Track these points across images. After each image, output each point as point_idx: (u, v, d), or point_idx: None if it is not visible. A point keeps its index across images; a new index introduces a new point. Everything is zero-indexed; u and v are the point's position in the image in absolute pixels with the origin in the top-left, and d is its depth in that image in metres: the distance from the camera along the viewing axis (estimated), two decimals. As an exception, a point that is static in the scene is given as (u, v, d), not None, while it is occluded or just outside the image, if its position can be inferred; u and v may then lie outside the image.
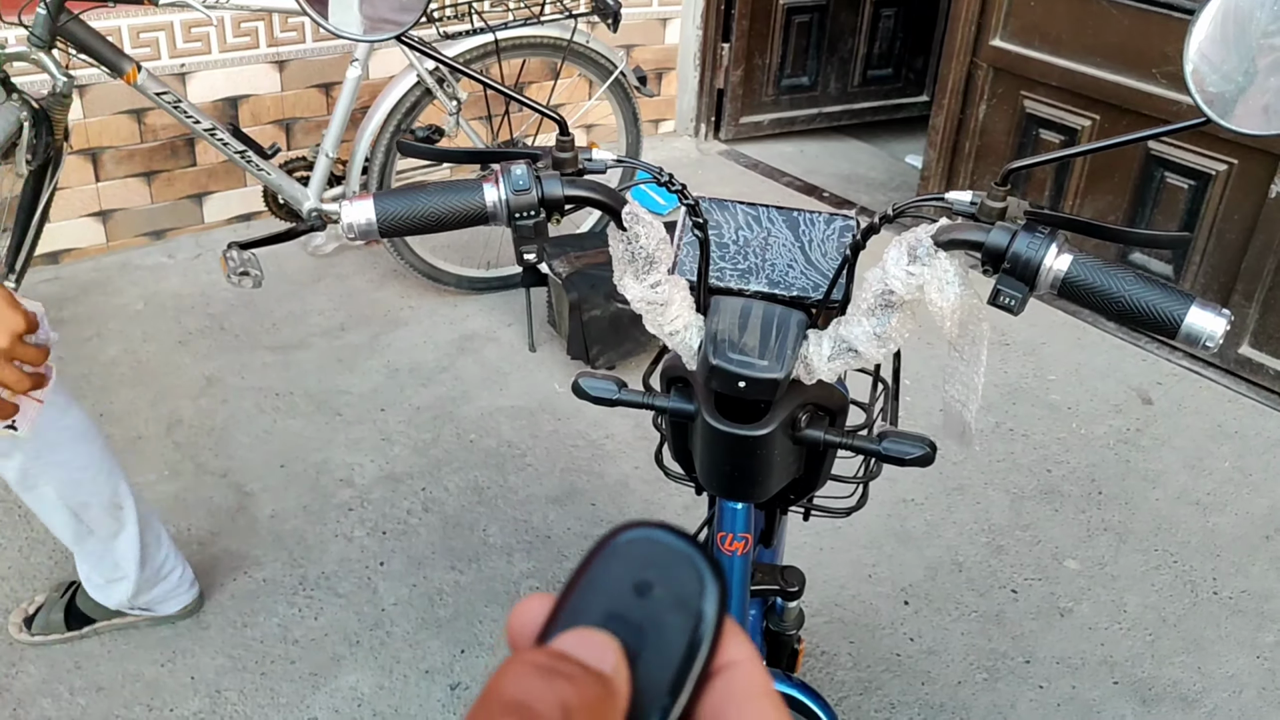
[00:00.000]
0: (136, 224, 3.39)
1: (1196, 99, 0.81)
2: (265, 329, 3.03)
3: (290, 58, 3.41)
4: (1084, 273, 0.87)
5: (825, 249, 1.12)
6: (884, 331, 1.00)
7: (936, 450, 1.14)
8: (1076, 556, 2.36)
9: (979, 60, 3.44)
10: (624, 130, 3.31)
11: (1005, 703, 2.01)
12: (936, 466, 2.58)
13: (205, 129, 2.74)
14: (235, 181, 3.50)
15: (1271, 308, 2.92)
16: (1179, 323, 0.85)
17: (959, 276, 0.93)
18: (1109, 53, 3.09)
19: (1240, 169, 2.89)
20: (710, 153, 4.44)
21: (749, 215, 1.13)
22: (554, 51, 3.01)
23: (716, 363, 1.05)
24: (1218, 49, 0.80)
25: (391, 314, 3.13)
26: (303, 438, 2.60)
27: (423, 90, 2.84)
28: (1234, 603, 2.25)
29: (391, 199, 0.95)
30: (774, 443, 1.10)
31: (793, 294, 1.10)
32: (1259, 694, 2.05)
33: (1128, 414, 2.85)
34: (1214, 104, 0.80)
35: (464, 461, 2.54)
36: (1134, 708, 2.01)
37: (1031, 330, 3.17)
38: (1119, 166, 3.18)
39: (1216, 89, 0.80)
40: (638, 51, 4.20)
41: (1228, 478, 2.62)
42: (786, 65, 4.50)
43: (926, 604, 2.22)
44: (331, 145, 2.92)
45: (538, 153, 1.00)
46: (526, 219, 0.94)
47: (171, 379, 2.79)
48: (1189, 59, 0.81)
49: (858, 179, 4.33)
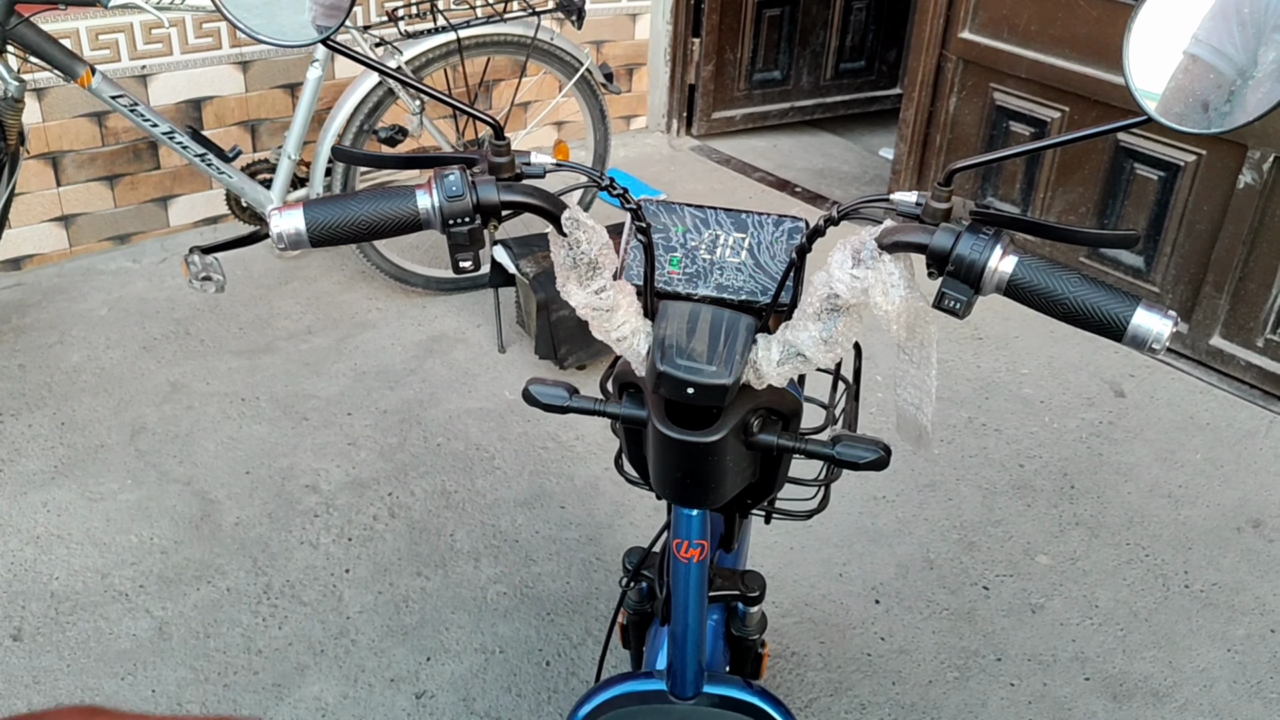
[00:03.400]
0: (99, 228, 3.34)
1: (1137, 96, 0.79)
2: (231, 333, 2.99)
3: (254, 58, 3.37)
4: (1029, 274, 0.85)
5: (774, 251, 1.09)
6: (830, 336, 0.98)
7: (891, 454, 1.12)
8: (1048, 552, 2.35)
9: (948, 53, 3.42)
10: (592, 127, 3.28)
11: (976, 701, 1.99)
12: (907, 463, 2.57)
13: (163, 132, 2.71)
14: (200, 185, 3.46)
15: (1242, 298, 2.91)
16: (1125, 325, 0.83)
17: (904, 279, 0.91)
18: (1077, 44, 3.08)
19: (1209, 160, 2.89)
20: (682, 148, 4.42)
21: (696, 218, 1.11)
22: (518, 49, 2.98)
23: (664, 369, 1.03)
24: (1156, 46, 0.78)
25: (359, 316, 3.10)
26: (268, 443, 2.57)
27: (385, 90, 2.81)
28: (1205, 596, 2.25)
29: (322, 207, 0.92)
30: (726, 449, 1.08)
31: (741, 298, 1.08)
32: (1230, 687, 2.04)
33: (1100, 407, 2.84)
34: (1155, 101, 0.79)
35: (431, 465, 2.51)
36: (1105, 704, 2.00)
37: (1005, 324, 3.17)
38: (1089, 159, 3.17)
39: (1157, 85, 0.78)
40: (607, 47, 4.18)
41: (1199, 470, 2.61)
42: (758, 60, 4.48)
43: (897, 602, 2.20)
44: (294, 147, 2.88)
45: (474, 157, 0.97)
46: (461, 226, 0.92)
47: (135, 385, 2.75)
48: (1128, 55, 0.79)
49: (831, 173, 4.32)
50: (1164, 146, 2.98)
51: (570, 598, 2.17)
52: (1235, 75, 0.76)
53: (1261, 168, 2.76)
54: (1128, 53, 0.78)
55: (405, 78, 0.99)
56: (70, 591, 2.13)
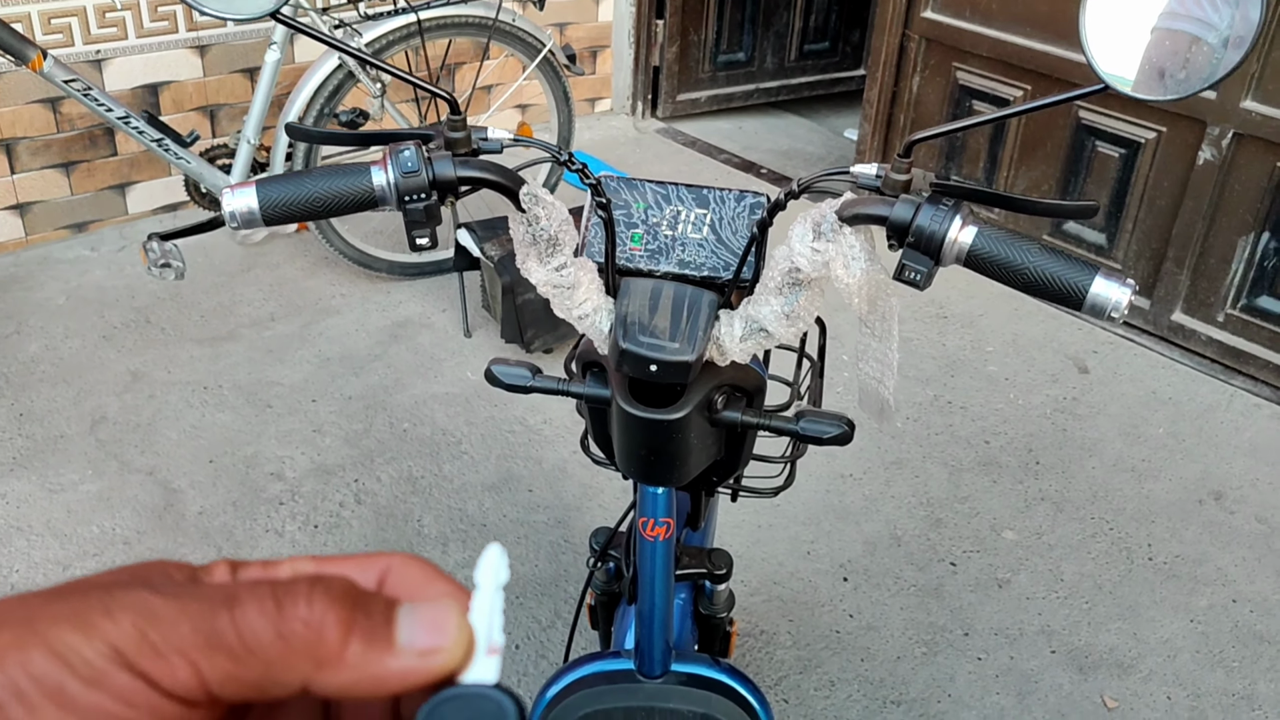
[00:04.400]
0: (56, 216, 3.29)
1: (1094, 64, 0.79)
2: (193, 321, 2.95)
3: (211, 42, 3.32)
4: (988, 245, 0.85)
5: (736, 227, 1.09)
6: (792, 310, 0.98)
7: (854, 429, 1.12)
8: (1014, 527, 2.36)
9: (911, 32, 3.43)
10: (555, 109, 3.26)
11: (944, 675, 2.01)
12: (874, 441, 2.58)
13: (118, 117, 2.66)
14: (159, 171, 3.41)
15: (1202, 274, 2.94)
16: (1084, 293, 0.83)
17: (865, 252, 0.91)
18: (1038, 22, 3.09)
19: (1168, 137, 2.91)
20: (647, 131, 4.40)
21: (658, 194, 1.10)
22: (480, 31, 2.95)
23: (627, 346, 1.02)
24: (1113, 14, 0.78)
25: (323, 302, 3.07)
26: (232, 431, 2.54)
27: (345, 73, 2.78)
28: (1168, 568, 2.27)
29: (275, 185, 0.90)
30: (690, 426, 1.07)
31: (703, 274, 1.07)
32: (1193, 657, 2.06)
33: (1064, 383, 2.86)
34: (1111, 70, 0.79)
35: (397, 451, 2.49)
36: (1071, 675, 2.02)
37: (970, 303, 3.18)
38: (1051, 136, 3.19)
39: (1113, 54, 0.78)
40: (571, 29, 4.15)
41: (1162, 444, 2.64)
42: (722, 41, 4.47)
43: (865, 579, 2.21)
44: (253, 131, 2.84)
45: (430, 133, 0.96)
46: (417, 202, 0.90)
47: (95, 375, 2.71)
48: (1085, 24, 0.78)
49: (796, 154, 4.32)
50: (1125, 124, 3.00)
51: (539, 580, 2.17)
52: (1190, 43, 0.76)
53: (1220, 144, 2.78)
54: (1084, 22, 0.78)
55: (360, 53, 0.97)
56: (30, 584, 2.10)
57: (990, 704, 1.96)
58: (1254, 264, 2.84)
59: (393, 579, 0.32)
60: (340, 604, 0.29)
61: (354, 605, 0.30)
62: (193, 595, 0.29)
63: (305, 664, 0.29)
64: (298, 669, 0.29)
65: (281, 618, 0.29)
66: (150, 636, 0.28)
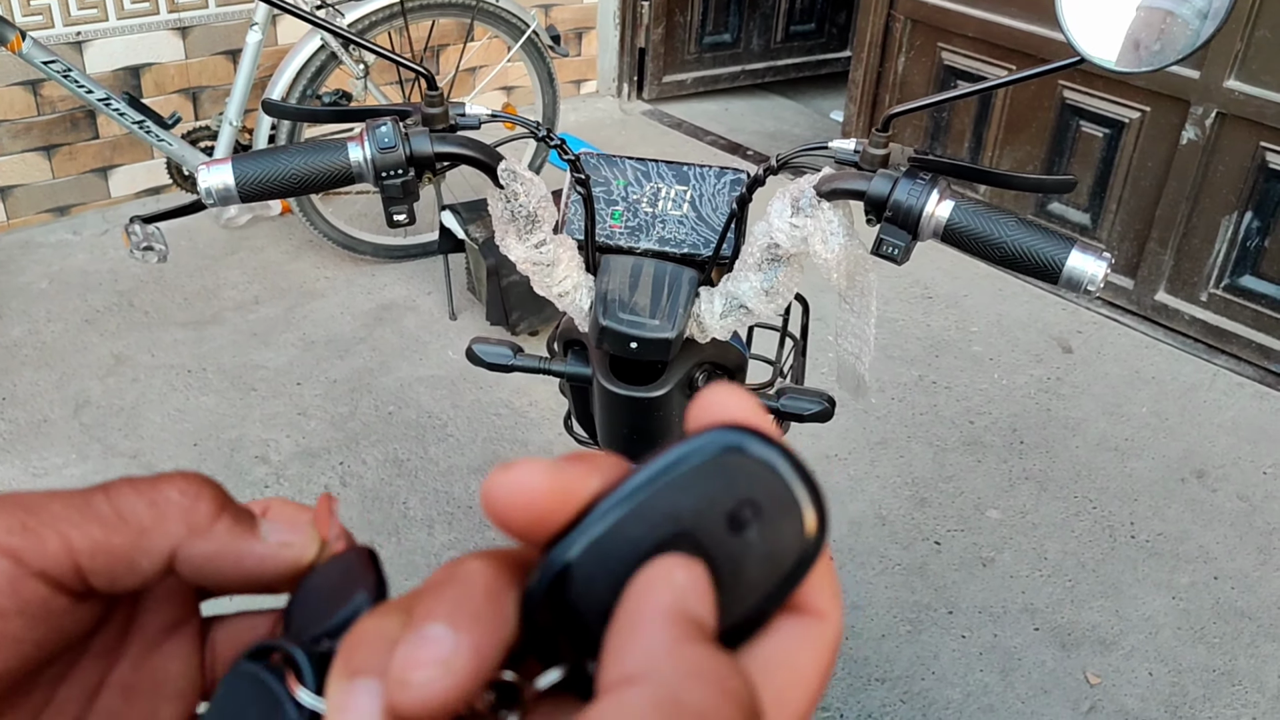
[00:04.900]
0: (38, 200, 3.26)
1: (1070, 37, 0.79)
2: (176, 304, 2.94)
3: (193, 24, 3.29)
4: (966, 219, 0.85)
5: (716, 204, 1.09)
6: (772, 286, 0.98)
7: (835, 406, 1.12)
8: (998, 506, 2.37)
9: (896, 13, 3.42)
10: (540, 91, 3.25)
11: (928, 653, 2.02)
12: (859, 421, 2.59)
13: (99, 99, 2.64)
14: (142, 154, 3.38)
15: (1185, 254, 2.95)
16: (1060, 267, 0.83)
17: (843, 227, 0.91)
18: (1023, 2, 3.09)
19: (1152, 116, 2.92)
20: (634, 113, 4.39)
21: (638, 171, 1.10)
22: (463, 11, 2.93)
23: (607, 324, 1.02)
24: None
25: (307, 285, 3.06)
26: (216, 415, 2.53)
27: (328, 54, 2.76)
28: (1150, 546, 2.29)
29: (251, 161, 0.90)
30: (671, 403, 1.08)
31: (683, 251, 1.07)
32: (1174, 633, 2.08)
33: (1048, 363, 2.87)
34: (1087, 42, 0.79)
35: (383, 434, 2.49)
36: (1054, 652, 2.03)
37: (954, 283, 3.19)
38: (1036, 116, 3.19)
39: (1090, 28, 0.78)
40: (556, 11, 4.13)
41: (1145, 423, 2.65)
42: (708, 22, 4.45)
43: (850, 559, 2.22)
44: (235, 113, 2.83)
45: (408, 110, 0.95)
46: (394, 178, 0.90)
47: (78, 359, 2.70)
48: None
49: (783, 136, 4.31)
50: (1109, 104, 3.00)
51: (525, 562, 2.17)
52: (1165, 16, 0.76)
53: (1204, 124, 2.79)
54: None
55: (342, 30, 0.97)
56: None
57: (974, 681, 1.97)
58: (1237, 243, 2.85)
59: (269, 514, 0.33)
60: (211, 490, 0.31)
61: (225, 498, 0.31)
62: (72, 490, 0.30)
63: (176, 528, 0.29)
64: (169, 534, 0.29)
65: (155, 491, 0.30)
66: (25, 520, 0.28)
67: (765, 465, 0.25)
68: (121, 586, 0.29)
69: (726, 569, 0.25)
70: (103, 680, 0.31)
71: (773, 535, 0.25)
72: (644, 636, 0.24)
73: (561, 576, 0.25)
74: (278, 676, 0.27)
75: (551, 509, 0.26)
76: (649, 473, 0.25)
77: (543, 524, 0.26)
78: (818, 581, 0.26)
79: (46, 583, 0.28)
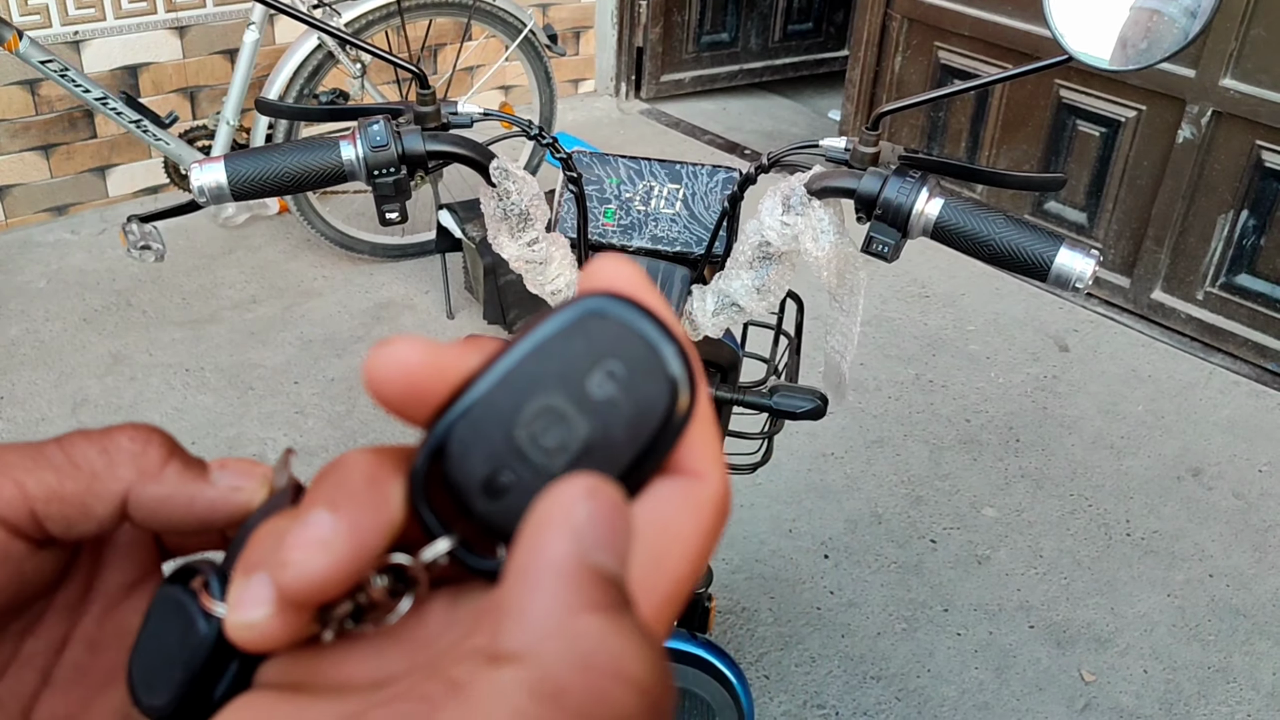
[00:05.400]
0: (36, 200, 3.27)
1: (1057, 35, 0.80)
2: (174, 304, 2.94)
3: (191, 23, 3.30)
4: (955, 216, 0.86)
5: (709, 202, 1.09)
6: (763, 284, 0.98)
7: (828, 403, 1.13)
8: (994, 504, 2.38)
9: (893, 12, 3.43)
10: (537, 90, 3.25)
11: (924, 651, 2.02)
12: (855, 420, 2.59)
13: (96, 98, 2.65)
14: (140, 154, 3.39)
15: (1181, 252, 2.96)
16: (1049, 264, 0.84)
17: (834, 225, 0.91)
18: (1019, 1, 3.10)
19: (1148, 115, 2.92)
20: (631, 112, 4.39)
21: (631, 169, 1.10)
22: (460, 10, 2.94)
23: (599, 321, 1.02)
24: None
25: (305, 284, 3.06)
26: (214, 413, 2.54)
27: (325, 54, 2.77)
28: (1146, 543, 2.29)
29: (244, 160, 0.90)
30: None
31: (676, 249, 1.08)
32: (1169, 631, 2.08)
33: (1045, 361, 2.88)
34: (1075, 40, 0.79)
35: (380, 432, 2.50)
36: (1049, 650, 2.04)
37: (951, 282, 3.19)
38: (1032, 116, 3.19)
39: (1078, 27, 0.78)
40: (553, 10, 4.13)
41: (1141, 421, 2.66)
42: (706, 21, 4.46)
43: (846, 557, 2.22)
44: (232, 112, 2.83)
45: (400, 108, 0.96)
46: (386, 176, 0.90)
47: (76, 358, 2.70)
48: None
49: (780, 135, 4.31)
50: (1105, 103, 3.01)
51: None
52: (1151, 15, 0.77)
53: (1200, 122, 2.79)
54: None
55: (337, 30, 0.97)
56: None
57: (969, 678, 1.97)
58: (1233, 242, 2.86)
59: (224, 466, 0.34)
60: (161, 437, 0.31)
61: (175, 445, 0.31)
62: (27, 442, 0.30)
63: (127, 472, 0.30)
64: (120, 478, 0.30)
65: (107, 439, 0.30)
66: None
67: (628, 328, 0.25)
68: (77, 532, 0.30)
69: (593, 433, 0.25)
70: (68, 635, 0.32)
71: (637, 397, 0.25)
72: (532, 600, 0.22)
73: (438, 453, 0.25)
74: (192, 595, 0.28)
75: (427, 383, 0.25)
76: (520, 344, 0.25)
77: (420, 399, 0.25)
78: (696, 443, 0.26)
79: (4, 528, 0.28)
